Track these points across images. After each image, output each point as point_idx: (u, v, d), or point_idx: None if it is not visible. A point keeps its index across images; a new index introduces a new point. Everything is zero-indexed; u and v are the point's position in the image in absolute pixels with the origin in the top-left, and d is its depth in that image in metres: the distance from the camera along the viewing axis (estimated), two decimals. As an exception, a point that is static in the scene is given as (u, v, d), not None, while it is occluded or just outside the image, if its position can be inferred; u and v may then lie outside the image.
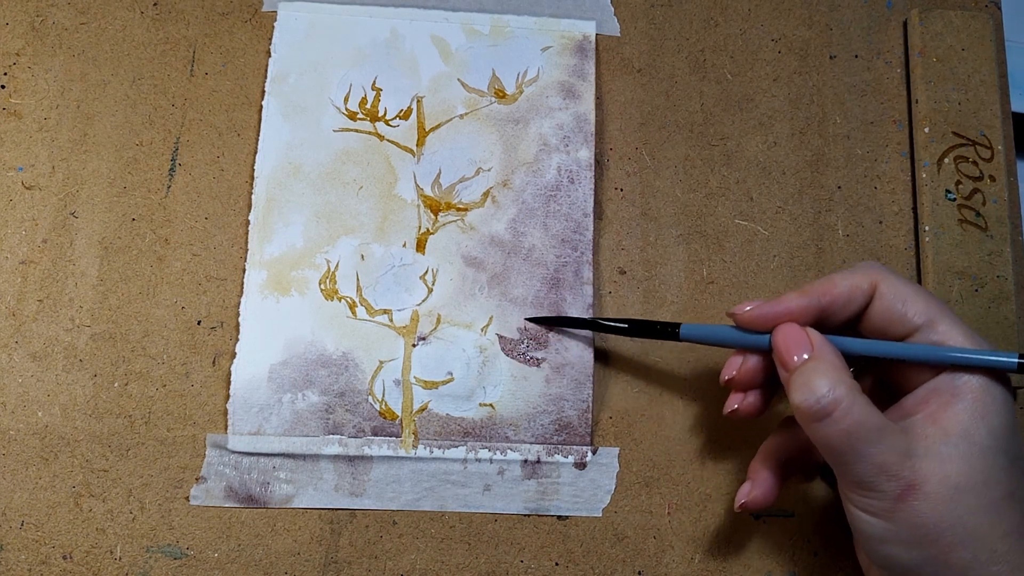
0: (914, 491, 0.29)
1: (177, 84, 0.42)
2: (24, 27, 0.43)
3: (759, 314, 0.33)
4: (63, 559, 0.37)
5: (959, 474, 0.29)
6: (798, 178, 0.44)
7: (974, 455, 0.30)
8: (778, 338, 0.33)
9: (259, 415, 0.39)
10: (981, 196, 0.42)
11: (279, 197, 0.41)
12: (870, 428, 0.30)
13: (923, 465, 0.29)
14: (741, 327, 0.34)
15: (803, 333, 0.32)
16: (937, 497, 0.29)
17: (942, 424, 0.30)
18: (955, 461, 0.29)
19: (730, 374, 0.35)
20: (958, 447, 0.30)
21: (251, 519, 0.38)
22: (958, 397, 0.31)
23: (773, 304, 0.33)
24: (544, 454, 0.39)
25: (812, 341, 0.32)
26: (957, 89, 0.43)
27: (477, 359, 0.40)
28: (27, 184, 0.41)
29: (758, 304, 0.33)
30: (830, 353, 0.32)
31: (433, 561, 0.38)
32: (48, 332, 0.39)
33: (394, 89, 0.43)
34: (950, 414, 0.30)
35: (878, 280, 0.33)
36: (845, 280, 0.33)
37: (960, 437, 0.30)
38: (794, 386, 0.31)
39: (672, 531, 0.39)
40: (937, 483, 0.29)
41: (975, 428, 0.30)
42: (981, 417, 0.30)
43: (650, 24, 0.45)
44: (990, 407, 0.30)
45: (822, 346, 0.32)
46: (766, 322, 0.33)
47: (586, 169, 0.42)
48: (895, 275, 0.33)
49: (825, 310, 0.33)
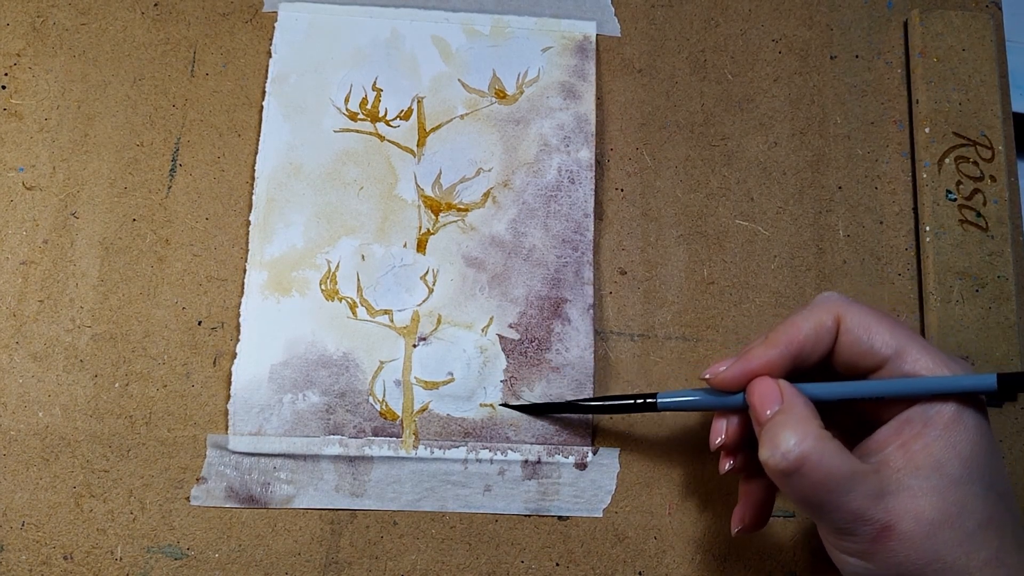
0: (889, 532, 0.29)
1: (178, 84, 0.42)
2: (25, 27, 0.43)
3: (730, 375, 0.33)
4: (64, 559, 0.37)
5: (932, 508, 0.29)
6: (799, 178, 0.44)
7: (946, 487, 0.29)
8: (751, 395, 0.32)
9: (260, 415, 0.39)
10: (982, 196, 0.42)
11: (280, 197, 0.41)
12: (840, 478, 0.29)
13: (896, 504, 0.29)
14: (716, 389, 0.34)
15: (774, 386, 0.32)
16: (912, 535, 0.29)
17: (913, 458, 0.30)
18: (928, 495, 0.29)
19: (719, 439, 0.34)
20: (929, 479, 0.29)
21: (252, 519, 0.38)
22: (929, 427, 0.30)
23: (744, 362, 0.33)
24: (545, 454, 0.39)
25: (783, 393, 0.32)
26: (958, 89, 0.43)
27: (478, 359, 0.40)
28: (28, 184, 0.41)
29: (729, 363, 0.33)
30: (799, 404, 0.31)
31: (434, 561, 0.38)
32: (49, 332, 0.39)
33: (394, 89, 0.43)
34: (920, 446, 0.30)
35: (841, 313, 0.32)
36: (807, 321, 0.32)
37: (931, 469, 0.29)
38: (763, 442, 0.31)
39: (673, 531, 0.39)
40: (911, 521, 0.29)
41: (946, 459, 0.30)
42: (952, 446, 0.30)
43: (650, 24, 0.45)
44: (961, 435, 0.30)
45: (791, 398, 0.31)
46: (739, 381, 0.33)
47: (587, 169, 0.42)
48: (857, 306, 0.32)
49: (795, 357, 0.32)
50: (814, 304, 0.33)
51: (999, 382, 0.30)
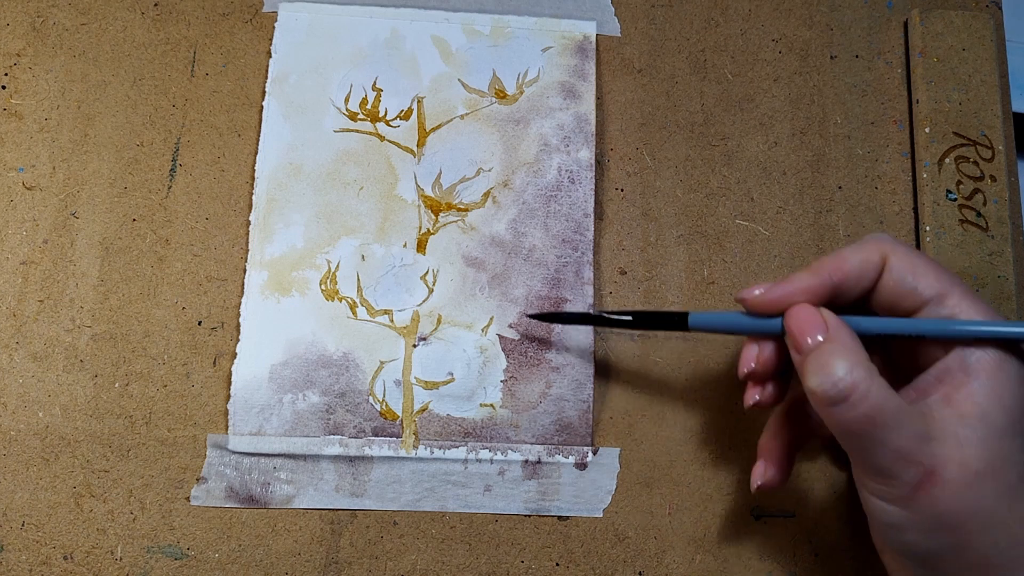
0: (933, 477, 0.28)
1: (178, 85, 0.42)
2: (25, 28, 0.43)
3: (770, 298, 0.32)
4: (64, 559, 0.37)
5: (978, 459, 0.28)
6: (799, 178, 0.44)
7: (991, 437, 0.29)
8: (791, 321, 0.31)
9: (260, 415, 0.39)
10: (982, 196, 0.42)
11: (280, 197, 0.41)
12: (888, 412, 0.28)
13: (941, 450, 0.28)
14: (751, 312, 0.33)
15: (817, 314, 0.31)
16: (956, 484, 0.28)
17: (958, 406, 0.29)
18: (973, 445, 0.28)
19: (749, 366, 0.33)
20: (976, 430, 0.29)
21: (252, 519, 0.38)
22: (972, 376, 0.29)
23: (783, 285, 0.32)
24: (545, 454, 0.39)
25: (827, 322, 0.30)
26: (958, 89, 0.43)
27: (478, 359, 0.40)
28: (28, 184, 0.41)
29: (768, 287, 0.32)
30: (846, 334, 0.30)
31: (434, 561, 0.38)
32: (49, 332, 0.39)
33: (395, 89, 0.43)
34: (965, 395, 0.29)
35: (888, 253, 0.31)
36: (855, 255, 0.31)
37: (977, 419, 0.29)
38: (809, 370, 0.30)
39: (673, 531, 0.39)
40: (956, 469, 0.28)
41: (991, 408, 0.29)
42: (997, 397, 0.29)
43: (650, 24, 0.45)
44: (1005, 385, 0.29)
45: (837, 327, 0.30)
46: (777, 305, 0.32)
47: (587, 169, 0.42)
48: (905, 247, 0.32)
49: (837, 288, 0.31)
50: (863, 240, 0.32)
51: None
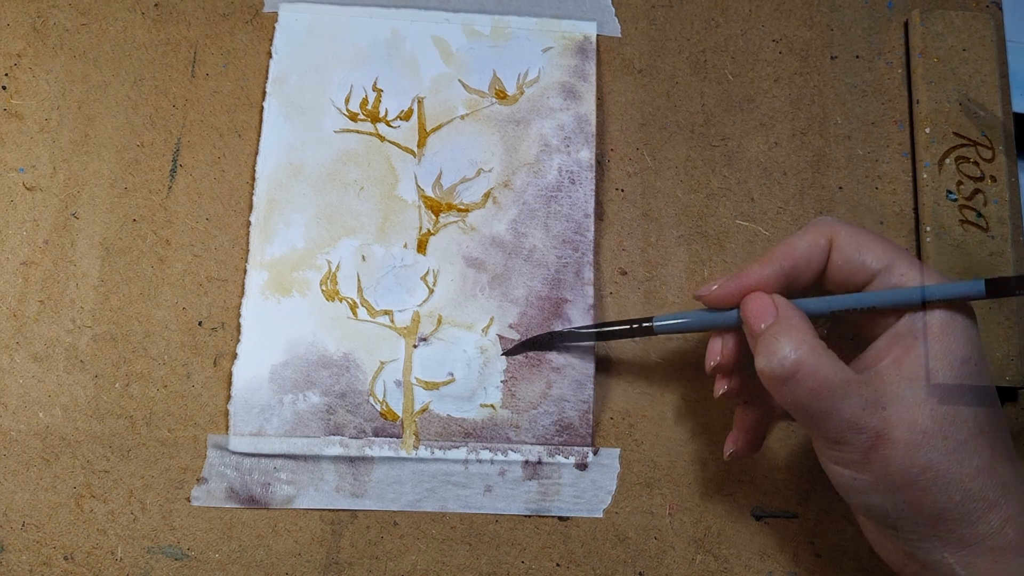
0: (883, 441, 0.30)
1: (178, 85, 0.43)
2: (25, 28, 0.43)
3: (726, 291, 0.34)
4: (64, 560, 0.37)
5: (925, 418, 0.29)
6: (799, 179, 0.44)
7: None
8: (745, 309, 0.33)
9: (260, 416, 0.39)
10: (982, 196, 0.42)
11: (280, 198, 0.41)
12: (835, 384, 0.30)
13: (890, 414, 0.30)
14: (710, 307, 0.35)
15: (768, 300, 0.32)
16: (906, 443, 0.29)
17: (906, 369, 0.30)
18: (921, 405, 0.30)
19: (715, 359, 0.35)
20: (923, 390, 0.30)
21: (252, 520, 0.38)
22: (920, 339, 0.31)
23: (738, 278, 0.33)
24: (545, 455, 0.39)
25: (777, 306, 0.32)
26: (958, 89, 0.43)
27: (478, 360, 0.40)
28: (28, 185, 0.41)
29: (723, 280, 0.34)
30: (794, 316, 0.32)
31: (434, 562, 0.38)
32: (49, 333, 0.39)
33: (395, 90, 0.43)
34: (913, 357, 0.30)
35: (833, 233, 0.33)
36: (802, 240, 0.33)
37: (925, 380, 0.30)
38: (758, 352, 0.31)
39: (673, 532, 0.39)
40: (905, 430, 0.29)
41: (939, 368, 0.30)
42: (943, 356, 0.30)
43: (651, 25, 0.45)
44: (951, 346, 0.30)
45: (786, 309, 0.32)
46: (733, 297, 0.34)
47: (587, 170, 0.42)
48: (849, 225, 0.33)
49: (789, 274, 0.33)
50: (808, 225, 0.34)
51: (987, 287, 0.30)
